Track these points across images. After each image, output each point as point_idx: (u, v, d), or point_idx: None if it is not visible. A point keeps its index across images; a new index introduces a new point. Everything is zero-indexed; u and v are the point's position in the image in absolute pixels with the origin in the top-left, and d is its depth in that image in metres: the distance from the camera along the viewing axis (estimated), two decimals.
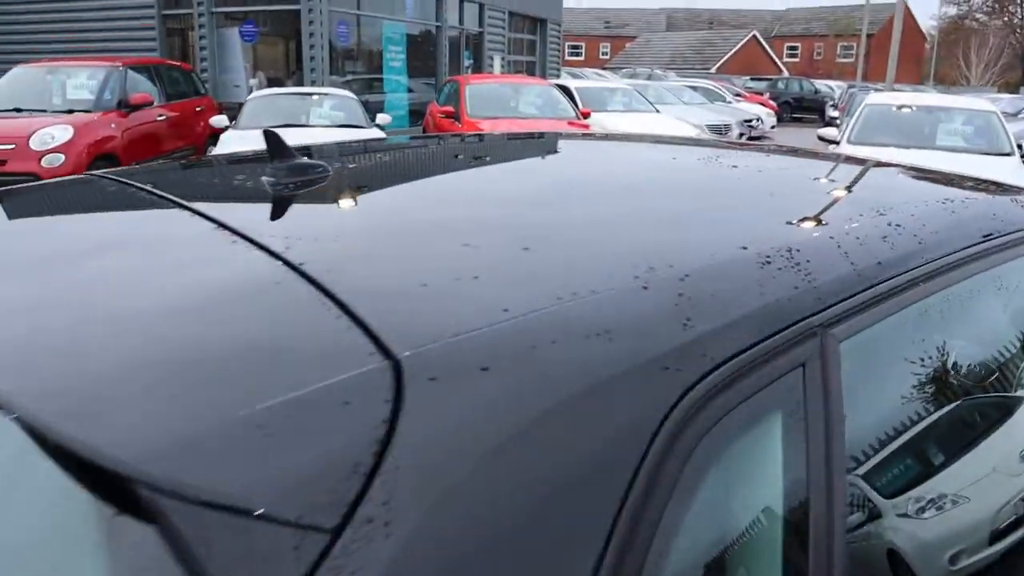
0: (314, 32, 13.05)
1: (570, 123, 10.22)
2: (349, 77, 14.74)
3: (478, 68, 17.85)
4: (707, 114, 15.81)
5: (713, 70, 40.56)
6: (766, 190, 1.23)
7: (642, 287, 0.74)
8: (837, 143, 8.11)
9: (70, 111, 8.79)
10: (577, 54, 53.28)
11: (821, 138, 8.59)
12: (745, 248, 0.86)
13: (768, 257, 0.84)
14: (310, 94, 9.86)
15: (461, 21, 17.30)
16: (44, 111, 8.78)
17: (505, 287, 0.75)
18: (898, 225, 1.02)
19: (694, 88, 19.62)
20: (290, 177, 1.09)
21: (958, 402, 1.13)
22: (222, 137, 8.47)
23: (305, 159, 1.13)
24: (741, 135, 16.20)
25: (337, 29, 13.95)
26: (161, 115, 10.05)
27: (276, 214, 1.02)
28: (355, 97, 9.82)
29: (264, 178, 1.12)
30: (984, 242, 1.10)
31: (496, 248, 0.88)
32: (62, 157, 8.05)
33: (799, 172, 1.42)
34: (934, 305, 1.00)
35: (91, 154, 8.43)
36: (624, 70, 31.40)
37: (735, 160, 1.50)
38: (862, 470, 0.90)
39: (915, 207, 1.14)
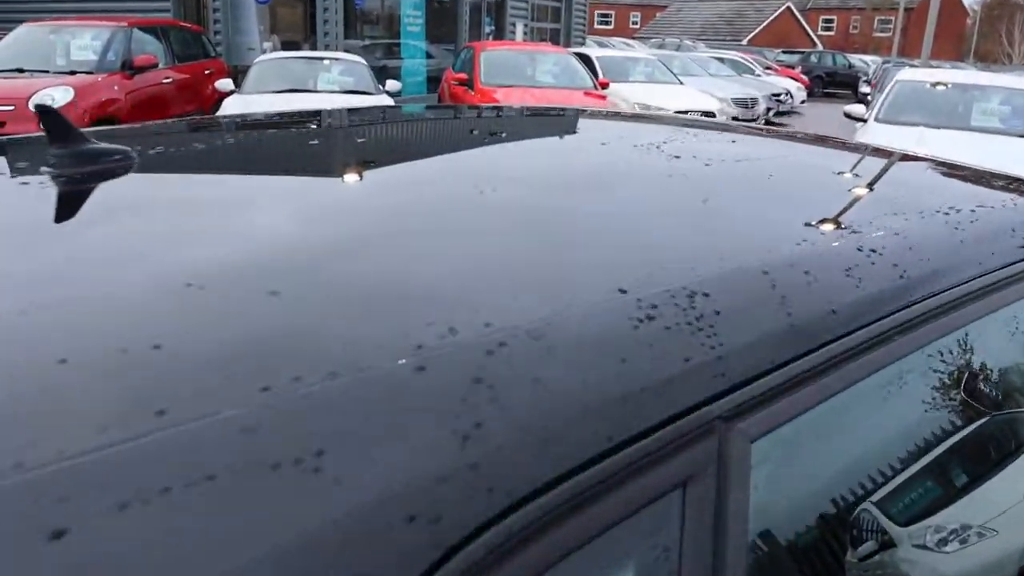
0: None
1: (586, 93, 9.86)
2: (368, 42, 14.44)
3: (500, 35, 17.39)
4: (733, 87, 15.27)
5: (745, 42, 39.55)
6: (700, 195, 0.92)
7: (417, 367, 0.47)
8: (864, 121, 7.71)
9: (72, 72, 8.60)
10: (607, 23, 52.24)
11: (848, 115, 8.16)
12: (624, 292, 0.58)
13: (653, 308, 0.56)
14: (319, 58, 9.58)
15: None
16: (46, 72, 8.59)
17: (123, 385, 0.45)
18: (873, 251, 0.73)
19: (721, 60, 19.01)
20: (68, 168, 0.82)
21: (979, 427, 0.85)
22: (225, 102, 8.23)
23: (100, 144, 0.86)
24: (768, 109, 15.68)
25: None
26: (168, 78, 9.82)
27: None
28: (364, 62, 9.53)
29: (43, 168, 0.85)
30: (998, 271, 0.82)
31: (188, 307, 0.55)
32: None
33: (762, 168, 1.09)
34: (917, 367, 0.72)
35: (93, 116, 8.23)
36: (652, 40, 30.67)
37: (686, 147, 1.18)
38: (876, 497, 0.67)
39: (904, 222, 0.84)
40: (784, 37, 41.13)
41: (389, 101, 8.70)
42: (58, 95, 8.02)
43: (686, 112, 11.00)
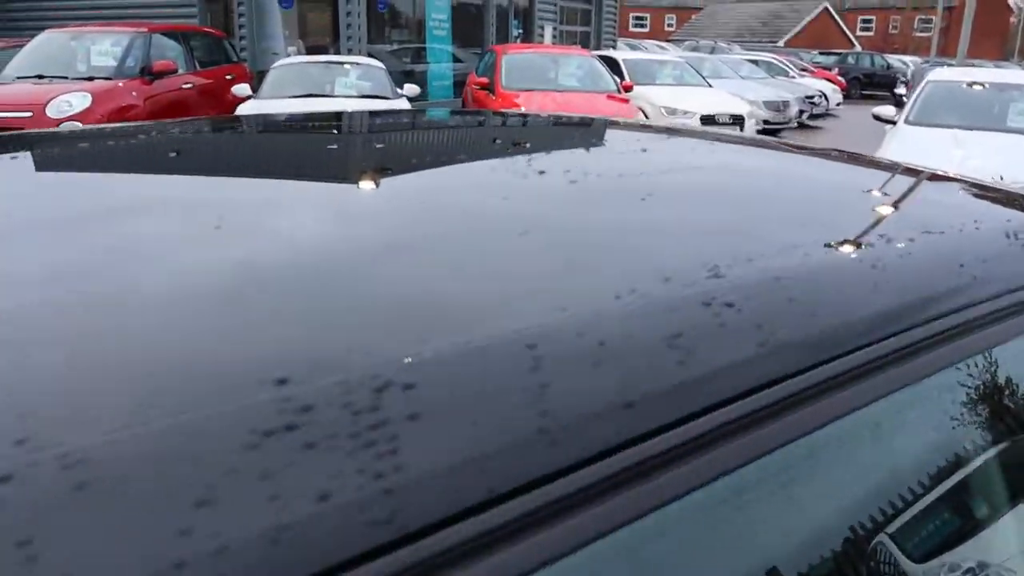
0: None
1: (609, 96, 9.64)
2: (396, 46, 14.37)
3: (527, 38, 17.23)
4: (764, 89, 14.91)
5: (781, 43, 38.96)
6: (519, 229, 0.68)
7: None
8: (894, 123, 7.40)
9: (91, 78, 8.63)
10: (642, 26, 51.83)
11: (877, 117, 7.84)
12: (283, 382, 0.39)
13: (303, 411, 0.37)
14: (337, 63, 9.50)
15: None
16: (65, 78, 8.62)
17: None
18: (729, 305, 0.54)
19: (755, 62, 18.64)
20: None
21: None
22: (240, 108, 8.17)
23: None
24: (801, 112, 15.29)
25: None
26: (188, 83, 9.81)
27: None
28: (382, 66, 9.43)
29: None
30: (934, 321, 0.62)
31: None
32: (79, 125, 7.90)
33: (636, 186, 0.86)
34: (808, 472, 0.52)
35: (110, 122, 8.25)
36: (687, 43, 30.31)
37: (556, 161, 0.95)
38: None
39: (759, 265, 0.64)
40: (822, 38, 40.41)
41: (406, 105, 8.58)
42: (75, 101, 8.06)
43: (713, 116, 10.73)
